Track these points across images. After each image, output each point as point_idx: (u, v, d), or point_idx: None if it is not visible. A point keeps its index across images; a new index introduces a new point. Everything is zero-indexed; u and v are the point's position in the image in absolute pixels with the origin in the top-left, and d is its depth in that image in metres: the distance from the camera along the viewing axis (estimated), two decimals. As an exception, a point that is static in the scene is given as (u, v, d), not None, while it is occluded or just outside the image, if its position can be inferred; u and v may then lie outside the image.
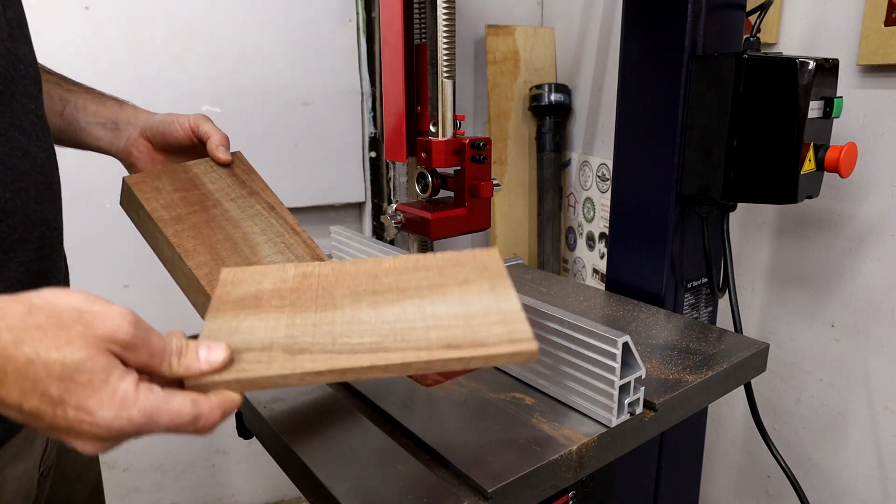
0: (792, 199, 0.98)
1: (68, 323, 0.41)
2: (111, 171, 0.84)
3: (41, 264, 0.63)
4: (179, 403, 0.44)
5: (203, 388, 0.47)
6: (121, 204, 0.80)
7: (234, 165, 0.84)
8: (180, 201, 0.77)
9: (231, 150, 0.85)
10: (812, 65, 0.93)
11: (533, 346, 0.50)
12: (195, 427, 0.45)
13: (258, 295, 0.58)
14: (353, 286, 0.59)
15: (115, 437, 0.43)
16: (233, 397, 0.47)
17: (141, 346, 0.44)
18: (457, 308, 0.55)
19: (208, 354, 0.47)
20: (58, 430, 0.42)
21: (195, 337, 0.50)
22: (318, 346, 0.50)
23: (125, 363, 0.43)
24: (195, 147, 0.84)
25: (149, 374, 0.45)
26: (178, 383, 0.47)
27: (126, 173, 0.85)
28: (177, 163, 0.84)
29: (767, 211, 1.34)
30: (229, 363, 0.48)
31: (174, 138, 0.83)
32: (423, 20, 0.78)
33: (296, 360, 0.49)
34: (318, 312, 0.55)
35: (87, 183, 1.35)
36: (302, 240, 0.80)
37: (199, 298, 0.71)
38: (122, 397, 0.42)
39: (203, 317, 0.68)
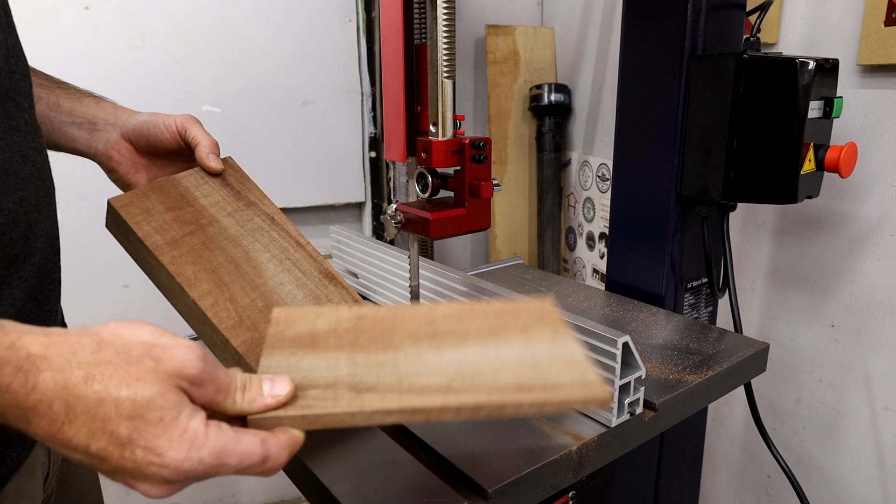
0: (792, 199, 0.98)
1: (138, 358, 0.40)
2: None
3: (41, 278, 0.59)
4: (249, 443, 0.43)
5: (266, 425, 0.45)
6: (107, 226, 0.73)
7: (227, 174, 0.78)
8: (174, 222, 0.71)
9: (222, 156, 0.78)
10: (812, 65, 0.93)
11: (606, 391, 0.48)
12: (262, 468, 0.44)
13: (314, 334, 0.55)
14: (411, 330, 0.57)
15: (182, 479, 0.41)
16: (298, 436, 0.46)
17: (208, 381, 0.42)
18: (522, 353, 0.53)
19: (272, 388, 0.46)
20: (123, 472, 0.40)
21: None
22: (385, 386, 0.48)
23: (192, 400, 0.42)
24: (182, 151, 0.77)
25: (213, 410, 0.44)
26: (240, 420, 0.45)
27: (105, 179, 0.78)
28: (161, 167, 0.78)
29: (767, 211, 1.34)
30: (293, 399, 0.46)
31: (159, 142, 0.76)
32: (423, 20, 0.78)
33: (363, 399, 0.47)
34: (380, 353, 0.53)
35: (86, 182, 1.35)
36: (307, 253, 0.76)
37: (206, 330, 0.67)
38: (192, 437, 0.40)
39: (211, 348, 0.67)
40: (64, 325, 0.72)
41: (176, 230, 0.70)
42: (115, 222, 0.72)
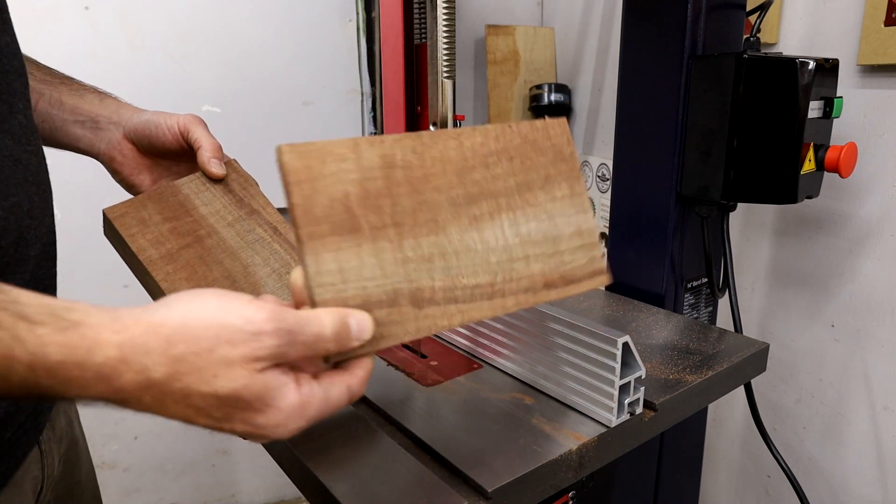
0: (792, 199, 0.98)
1: (210, 349, 0.40)
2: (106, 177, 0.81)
3: (34, 286, 0.55)
4: (338, 395, 0.45)
5: (346, 358, 0.46)
6: (104, 234, 0.72)
7: (230, 178, 0.76)
8: (170, 233, 0.69)
9: (225, 159, 0.76)
10: (812, 65, 0.93)
11: (607, 278, 0.60)
12: (348, 403, 0.47)
13: (347, 205, 0.48)
14: (446, 188, 0.53)
15: (290, 435, 0.44)
16: (371, 364, 0.48)
17: (289, 349, 0.42)
18: (546, 225, 0.57)
19: (360, 331, 0.45)
20: (234, 433, 0.43)
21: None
22: (441, 294, 0.50)
23: (280, 363, 0.43)
24: (185, 152, 0.75)
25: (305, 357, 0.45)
26: None
27: (105, 179, 0.77)
28: (165, 167, 0.77)
29: (767, 211, 1.34)
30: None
31: (161, 143, 0.74)
32: (423, 20, 0.78)
33: (428, 318, 0.49)
34: (425, 236, 0.51)
35: (86, 182, 1.35)
36: None
37: None
38: (287, 412, 0.42)
39: None
40: None
41: (172, 242, 0.69)
42: (111, 232, 0.71)
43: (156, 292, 0.68)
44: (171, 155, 0.76)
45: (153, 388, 0.39)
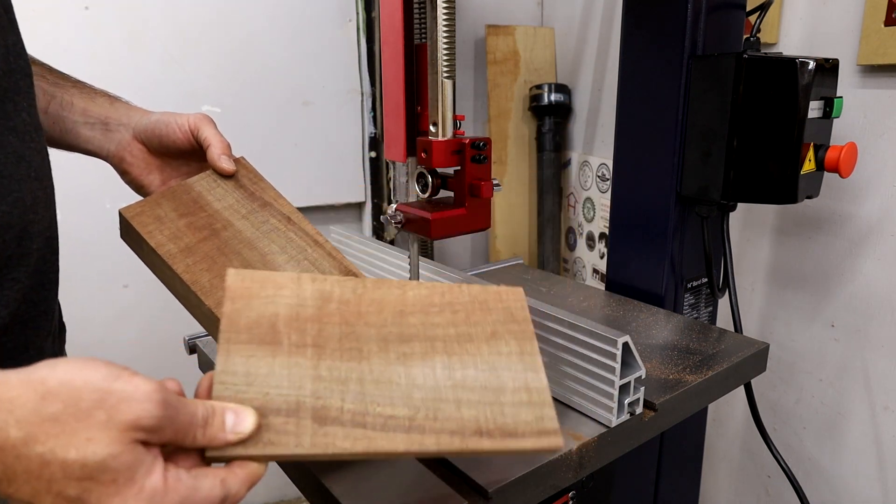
0: (792, 199, 0.98)
1: (88, 411, 0.37)
2: (112, 171, 0.81)
3: (37, 279, 0.58)
4: (208, 487, 0.41)
5: (226, 459, 0.43)
6: (121, 236, 0.73)
7: (240, 174, 0.76)
8: (187, 228, 0.69)
9: (235, 157, 0.77)
10: (812, 65, 0.93)
11: (559, 441, 0.50)
12: (224, 502, 0.42)
13: (273, 323, 0.51)
14: (379, 325, 0.54)
15: None
16: (259, 470, 0.44)
17: (168, 425, 0.40)
18: (486, 376, 0.53)
19: (235, 424, 0.43)
20: None
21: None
22: (349, 416, 0.47)
23: (149, 443, 0.40)
24: (195, 151, 0.75)
25: (172, 446, 0.42)
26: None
27: (106, 180, 0.76)
28: (175, 167, 0.77)
29: (767, 211, 1.34)
30: (257, 431, 0.44)
31: (171, 141, 0.74)
32: (423, 20, 0.78)
33: (327, 435, 0.45)
34: (345, 362, 0.51)
35: (86, 182, 1.35)
36: (326, 252, 0.73)
37: None
38: (149, 495, 0.38)
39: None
40: (62, 324, 0.72)
41: (189, 237, 0.69)
42: (128, 232, 0.71)
43: (177, 287, 0.68)
44: (181, 154, 0.76)
45: (4, 453, 0.35)
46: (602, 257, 1.76)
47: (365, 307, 0.55)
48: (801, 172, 0.97)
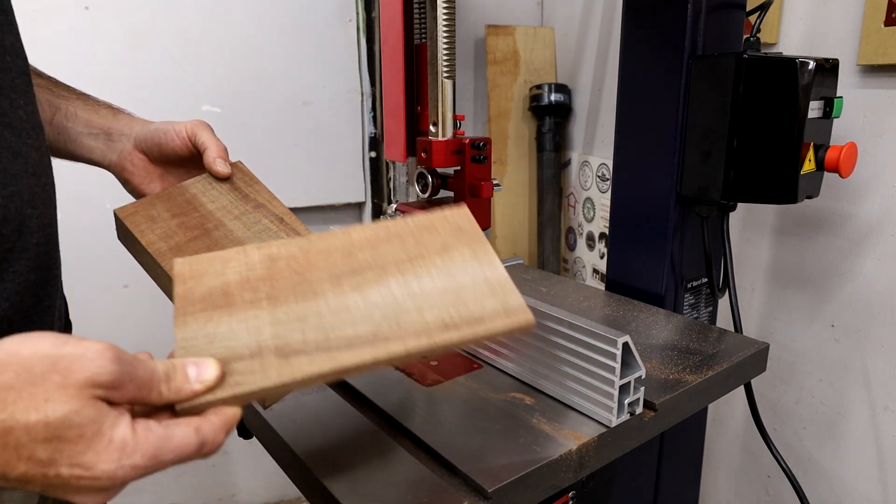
0: (792, 199, 0.98)
1: (42, 375, 0.37)
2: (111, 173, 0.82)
3: (38, 274, 0.58)
4: (182, 435, 0.41)
5: (198, 410, 0.43)
6: (118, 237, 0.74)
7: (236, 178, 0.77)
8: (178, 228, 0.70)
9: (231, 160, 0.77)
10: (812, 65, 0.93)
11: (529, 316, 0.50)
12: (200, 454, 0.42)
13: (226, 289, 0.52)
14: (329, 267, 0.55)
15: (119, 486, 0.40)
16: (233, 413, 0.44)
17: (127, 381, 0.39)
18: (444, 281, 0.53)
19: (199, 374, 0.43)
20: (54, 488, 0.38)
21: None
22: (312, 345, 0.47)
23: (112, 403, 0.39)
24: (194, 157, 0.77)
25: (139, 405, 0.42)
26: (170, 408, 0.43)
27: (106, 180, 0.78)
28: (176, 175, 0.78)
29: (767, 211, 1.34)
30: (222, 378, 0.44)
31: (170, 149, 0.75)
32: (423, 20, 0.78)
33: (292, 365, 0.45)
34: (301, 303, 0.51)
35: (86, 183, 1.35)
36: None
37: None
38: (119, 446, 0.38)
39: None
40: (67, 319, 0.73)
41: (180, 236, 0.69)
42: (123, 232, 0.72)
43: (167, 285, 0.68)
44: (181, 162, 0.78)
45: None
46: (602, 257, 1.76)
47: (313, 257, 0.56)
48: (801, 172, 0.97)
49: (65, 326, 0.70)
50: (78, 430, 0.37)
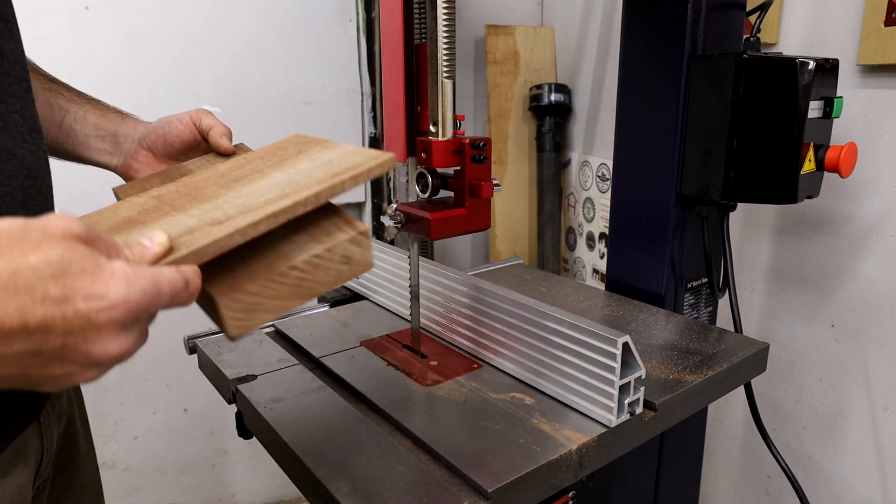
0: (792, 199, 0.98)
1: (21, 234, 0.37)
2: (112, 173, 0.83)
3: None
4: (170, 273, 0.43)
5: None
6: None
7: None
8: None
9: (235, 143, 0.79)
10: (812, 65, 0.93)
11: (391, 154, 0.60)
12: (187, 293, 0.44)
13: (129, 218, 0.56)
14: (213, 184, 0.62)
15: (134, 318, 0.40)
16: (196, 269, 0.46)
17: (97, 240, 0.41)
18: (315, 162, 0.62)
19: (153, 241, 0.46)
20: (75, 335, 0.38)
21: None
22: (238, 212, 0.52)
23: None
24: (198, 144, 0.78)
25: None
26: None
27: (106, 179, 0.79)
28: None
29: (767, 211, 1.34)
30: (171, 246, 0.47)
31: (175, 136, 0.77)
32: (423, 20, 0.78)
33: (229, 225, 0.50)
34: (205, 203, 0.56)
35: (86, 182, 1.35)
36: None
37: None
38: (122, 274, 0.40)
39: None
40: None
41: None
42: None
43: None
44: (186, 150, 0.79)
45: None
46: (602, 257, 1.76)
47: (194, 185, 0.64)
48: (801, 172, 0.97)
49: None
50: (79, 265, 0.38)
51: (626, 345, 0.69)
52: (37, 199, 0.61)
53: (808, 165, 0.99)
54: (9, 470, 0.61)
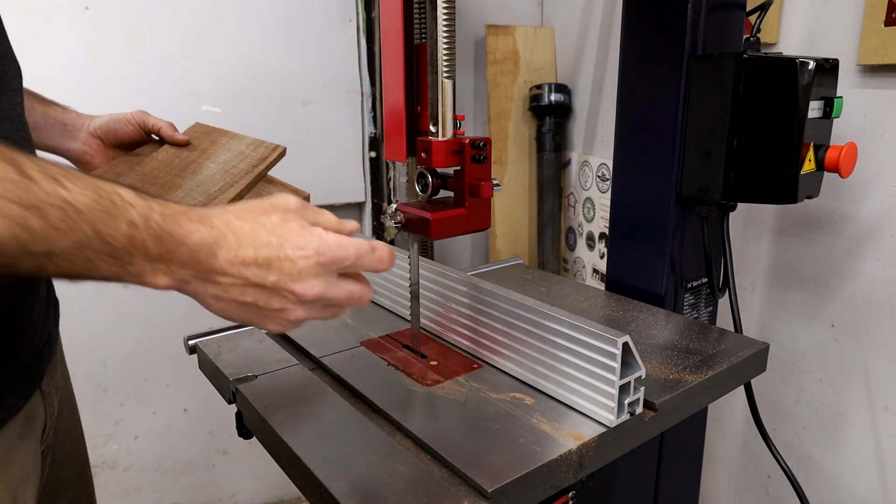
0: (792, 199, 0.98)
1: (257, 205, 0.57)
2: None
3: None
4: (356, 240, 0.59)
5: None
6: None
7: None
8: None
9: (192, 125, 0.99)
10: (812, 65, 0.93)
11: (282, 146, 1.01)
12: (375, 257, 0.60)
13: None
14: (167, 172, 0.91)
15: (325, 266, 0.56)
16: (388, 247, 0.62)
17: (306, 210, 0.59)
18: (231, 152, 0.96)
19: (348, 224, 0.63)
20: (282, 273, 0.55)
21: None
22: (206, 198, 0.85)
23: None
24: (143, 139, 0.95)
25: None
26: None
27: None
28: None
29: (767, 211, 1.34)
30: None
31: (125, 134, 0.93)
32: (423, 20, 0.78)
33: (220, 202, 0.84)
34: (175, 189, 0.86)
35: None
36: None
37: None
38: (319, 233, 0.57)
39: None
40: (55, 298, 0.78)
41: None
42: None
43: None
44: (133, 145, 0.96)
45: (231, 226, 0.54)
46: (602, 257, 1.76)
47: (152, 178, 0.90)
48: (801, 172, 0.97)
49: (48, 296, 0.76)
50: (292, 224, 0.56)
51: (626, 345, 0.69)
52: None
53: (808, 165, 0.99)
54: (25, 434, 0.68)
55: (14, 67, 0.67)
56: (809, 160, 0.98)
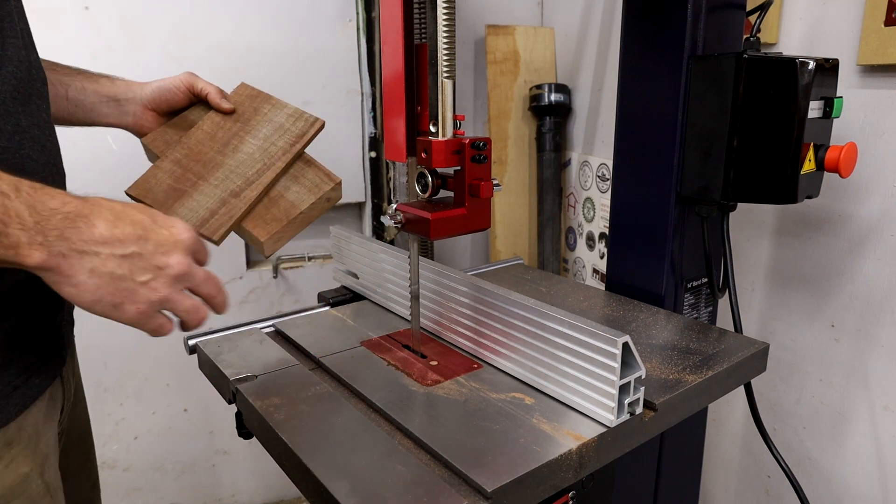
0: (792, 199, 0.98)
1: (129, 206, 0.61)
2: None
3: None
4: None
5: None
6: (148, 160, 1.01)
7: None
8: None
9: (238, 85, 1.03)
10: (812, 65, 0.93)
11: (321, 120, 1.01)
12: (218, 289, 0.66)
13: (172, 187, 0.90)
14: (210, 147, 0.94)
15: (191, 248, 0.62)
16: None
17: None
18: (272, 125, 0.98)
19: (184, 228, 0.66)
20: (158, 242, 0.60)
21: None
22: (244, 182, 0.90)
23: None
24: (193, 103, 0.99)
25: None
26: None
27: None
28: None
29: (767, 211, 1.34)
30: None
31: (177, 102, 0.97)
32: (423, 20, 0.78)
33: (245, 197, 0.89)
34: (217, 169, 0.92)
35: (87, 181, 1.35)
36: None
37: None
38: (183, 224, 0.63)
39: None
40: (72, 315, 0.82)
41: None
42: (148, 152, 1.00)
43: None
44: (184, 110, 1.00)
45: (109, 203, 0.59)
46: (602, 257, 1.76)
47: (196, 149, 0.95)
48: (801, 172, 0.97)
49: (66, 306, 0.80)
50: (155, 214, 0.62)
51: (626, 345, 0.69)
52: (57, 181, 0.73)
53: (808, 165, 0.99)
54: (50, 414, 0.72)
55: (41, 76, 0.71)
56: (809, 160, 0.99)
